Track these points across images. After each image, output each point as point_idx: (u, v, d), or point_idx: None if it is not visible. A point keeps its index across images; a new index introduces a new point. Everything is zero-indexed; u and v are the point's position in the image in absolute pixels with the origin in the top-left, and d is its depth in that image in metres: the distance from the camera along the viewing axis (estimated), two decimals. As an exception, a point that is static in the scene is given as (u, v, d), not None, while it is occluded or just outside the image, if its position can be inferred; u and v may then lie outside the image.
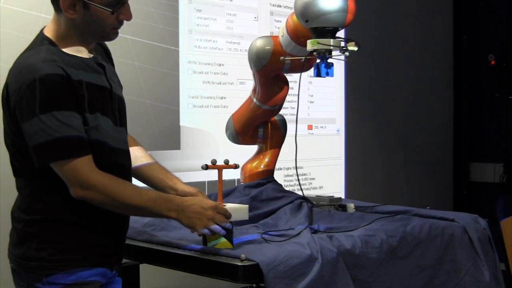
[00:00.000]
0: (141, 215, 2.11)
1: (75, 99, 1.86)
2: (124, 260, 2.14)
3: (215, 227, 2.00)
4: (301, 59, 2.48)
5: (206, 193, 2.42)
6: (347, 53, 2.35)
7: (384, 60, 4.94)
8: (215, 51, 3.73)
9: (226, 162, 2.18)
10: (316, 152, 4.33)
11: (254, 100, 2.76)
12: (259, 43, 2.68)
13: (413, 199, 4.77)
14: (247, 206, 2.20)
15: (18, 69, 1.87)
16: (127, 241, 2.21)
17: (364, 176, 4.71)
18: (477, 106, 5.58)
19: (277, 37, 2.68)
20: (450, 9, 5.56)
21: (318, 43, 2.32)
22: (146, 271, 2.55)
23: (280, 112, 2.94)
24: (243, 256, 1.91)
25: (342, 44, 2.36)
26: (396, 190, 4.97)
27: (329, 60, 2.41)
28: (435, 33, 5.39)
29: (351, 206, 2.70)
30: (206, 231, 2.00)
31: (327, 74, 2.39)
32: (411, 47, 5.15)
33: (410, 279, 2.27)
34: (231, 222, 2.07)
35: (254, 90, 2.78)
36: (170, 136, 3.55)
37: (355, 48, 2.34)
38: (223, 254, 1.99)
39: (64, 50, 1.91)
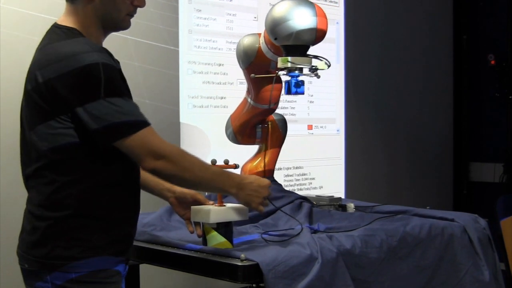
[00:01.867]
0: (203, 189, 2.12)
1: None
2: (124, 260, 2.14)
3: (267, 202, 2.08)
4: (271, 76, 2.53)
5: (206, 193, 2.42)
6: (316, 72, 2.37)
7: (384, 60, 4.94)
8: (215, 51, 3.74)
9: (226, 162, 2.18)
10: (316, 152, 4.34)
11: (249, 100, 2.77)
12: (246, 41, 2.70)
13: (413, 198, 4.77)
14: (246, 207, 2.20)
15: (62, 56, 1.82)
16: (127, 241, 2.21)
17: (364, 176, 4.71)
18: (477, 106, 5.59)
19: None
20: (450, 9, 5.56)
21: (288, 61, 2.33)
22: (146, 271, 2.55)
23: (281, 112, 2.94)
24: (243, 256, 1.91)
25: (312, 62, 2.37)
26: (396, 190, 4.97)
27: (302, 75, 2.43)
28: (435, 33, 5.40)
29: (351, 206, 2.70)
30: (261, 208, 2.06)
31: (297, 92, 2.41)
32: (411, 47, 5.15)
33: (410, 279, 2.27)
34: (231, 222, 2.08)
35: (248, 90, 2.79)
36: (170, 136, 3.54)
37: (325, 67, 2.36)
38: (223, 254, 1.99)
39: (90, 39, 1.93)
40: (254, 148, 2.88)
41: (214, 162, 2.15)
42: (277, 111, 2.88)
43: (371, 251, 2.16)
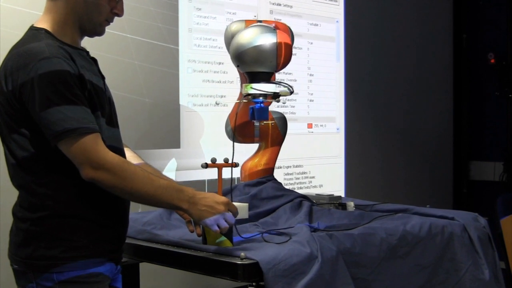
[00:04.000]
0: (150, 204, 2.00)
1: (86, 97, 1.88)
2: (124, 259, 2.14)
3: (224, 223, 1.98)
4: (238, 102, 2.59)
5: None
6: (278, 99, 2.40)
7: (384, 59, 4.94)
8: (215, 49, 3.73)
9: (226, 160, 2.18)
10: (316, 151, 4.34)
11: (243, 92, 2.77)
12: (234, 27, 2.73)
13: (413, 197, 4.78)
14: (247, 204, 2.20)
15: (21, 64, 1.84)
16: (127, 240, 2.21)
17: (364, 175, 4.71)
18: (477, 105, 5.59)
19: (250, 21, 2.75)
20: (450, 8, 5.56)
21: (252, 87, 2.35)
22: (146, 269, 2.55)
23: (281, 111, 2.94)
24: (243, 254, 1.91)
25: (275, 89, 2.40)
26: (396, 188, 4.97)
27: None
28: (435, 32, 5.39)
29: (350, 204, 2.70)
30: (215, 227, 1.97)
31: (260, 118, 2.45)
32: (411, 46, 5.15)
33: (410, 278, 2.27)
34: None
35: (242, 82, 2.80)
36: (170, 135, 3.55)
37: (288, 94, 2.41)
38: (223, 253, 1.99)
39: (62, 39, 1.92)
40: (255, 146, 2.88)
41: (214, 160, 2.14)
42: (277, 109, 2.88)
43: (371, 249, 2.16)
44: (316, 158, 4.33)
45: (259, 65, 2.37)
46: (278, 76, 4.03)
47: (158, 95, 3.48)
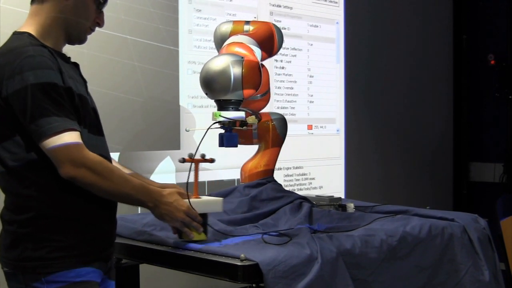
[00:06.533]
0: (122, 201, 2.06)
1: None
2: (124, 260, 2.14)
3: (185, 229, 2.09)
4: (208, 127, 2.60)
5: (206, 193, 2.43)
6: (246, 127, 2.42)
7: (384, 60, 4.94)
8: (215, 51, 3.72)
9: (203, 156, 2.22)
10: (316, 152, 4.33)
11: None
12: (224, 28, 2.80)
13: (412, 199, 4.77)
14: (221, 199, 2.22)
15: (10, 73, 1.85)
16: (127, 242, 2.22)
17: (364, 176, 4.71)
18: (477, 106, 5.59)
19: (238, 21, 2.81)
20: (450, 9, 5.56)
21: (220, 115, 2.38)
22: (146, 271, 2.55)
23: (281, 112, 2.94)
24: (242, 256, 1.91)
25: (243, 117, 2.43)
26: (395, 190, 4.97)
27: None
28: (435, 33, 5.40)
29: (350, 206, 2.70)
30: (187, 232, 2.10)
31: (229, 145, 2.47)
32: (411, 47, 5.15)
33: (410, 279, 2.28)
34: (206, 214, 2.14)
35: None
36: (170, 136, 3.54)
37: (256, 121, 2.45)
38: (222, 254, 1.99)
39: (45, 43, 1.93)
40: (256, 148, 2.89)
41: (191, 155, 2.19)
42: (277, 110, 2.89)
43: (371, 251, 2.16)
44: (316, 159, 4.32)
45: (226, 94, 2.39)
46: (278, 77, 4.04)
47: (158, 97, 3.48)
